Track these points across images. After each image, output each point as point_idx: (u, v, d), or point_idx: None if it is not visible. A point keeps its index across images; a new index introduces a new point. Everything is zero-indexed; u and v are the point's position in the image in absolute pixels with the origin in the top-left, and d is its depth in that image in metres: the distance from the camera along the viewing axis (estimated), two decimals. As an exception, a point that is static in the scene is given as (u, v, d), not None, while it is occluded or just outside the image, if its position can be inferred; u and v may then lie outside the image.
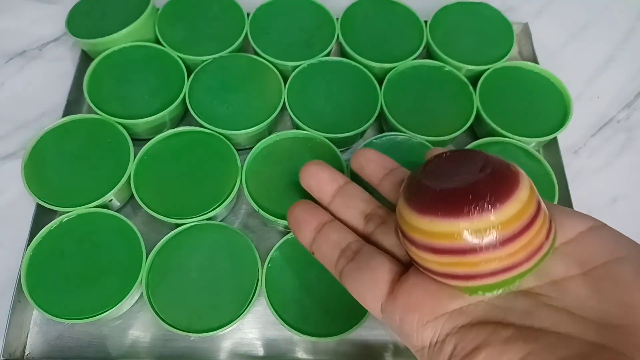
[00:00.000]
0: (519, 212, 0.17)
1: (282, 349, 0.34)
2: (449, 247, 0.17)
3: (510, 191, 0.17)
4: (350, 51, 0.41)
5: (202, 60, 0.40)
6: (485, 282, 0.18)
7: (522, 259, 0.17)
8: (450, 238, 0.17)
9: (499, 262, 0.17)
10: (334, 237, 0.23)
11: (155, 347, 0.34)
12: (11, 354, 0.32)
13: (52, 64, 0.45)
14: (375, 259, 0.21)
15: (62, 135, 0.37)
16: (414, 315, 0.19)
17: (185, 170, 0.36)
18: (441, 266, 0.18)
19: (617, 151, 0.43)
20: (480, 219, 0.17)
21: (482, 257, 0.17)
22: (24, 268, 0.32)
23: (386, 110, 0.38)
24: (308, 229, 0.24)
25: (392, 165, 0.26)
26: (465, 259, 0.17)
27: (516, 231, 0.17)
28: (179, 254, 0.33)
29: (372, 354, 0.34)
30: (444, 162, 0.20)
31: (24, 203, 0.36)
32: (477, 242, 0.17)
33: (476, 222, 0.17)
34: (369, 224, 0.24)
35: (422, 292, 0.19)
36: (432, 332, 0.18)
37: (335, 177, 0.26)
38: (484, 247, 0.17)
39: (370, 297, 0.21)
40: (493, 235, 0.17)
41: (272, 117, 0.38)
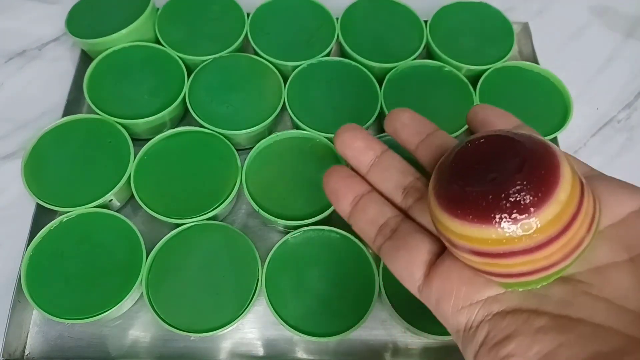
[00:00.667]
0: (557, 215, 0.16)
1: (282, 349, 0.34)
2: (481, 251, 0.17)
3: (547, 194, 0.16)
4: (350, 51, 0.41)
5: (202, 60, 0.40)
6: (521, 280, 0.17)
7: (560, 259, 0.16)
8: (483, 243, 0.16)
9: (534, 264, 0.16)
10: (371, 212, 0.22)
11: (155, 347, 0.34)
12: (11, 354, 0.32)
13: (52, 63, 0.45)
14: (413, 238, 0.20)
15: (62, 135, 0.37)
16: (449, 300, 0.18)
17: (185, 170, 0.36)
18: (472, 263, 0.18)
19: (617, 151, 0.43)
20: (514, 226, 0.16)
21: (515, 261, 0.16)
22: (24, 268, 0.32)
23: (386, 110, 0.38)
24: (345, 202, 0.23)
25: (429, 128, 0.24)
26: (498, 261, 0.17)
27: (553, 235, 0.16)
28: (179, 254, 0.33)
29: (372, 354, 0.34)
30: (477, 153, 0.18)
31: (24, 203, 0.36)
32: (510, 248, 0.16)
33: (509, 229, 0.16)
34: (407, 198, 0.22)
35: (457, 278, 0.19)
36: (466, 318, 0.18)
37: (371, 145, 0.24)
38: (518, 252, 0.16)
39: (408, 279, 0.20)
40: (528, 241, 0.16)
41: (272, 117, 0.38)
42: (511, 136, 0.18)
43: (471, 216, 0.16)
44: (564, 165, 0.16)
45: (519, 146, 0.17)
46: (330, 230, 0.34)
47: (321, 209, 0.34)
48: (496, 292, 0.18)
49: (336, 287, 0.33)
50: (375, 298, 0.32)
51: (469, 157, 0.18)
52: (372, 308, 0.32)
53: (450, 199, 0.17)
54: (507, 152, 0.17)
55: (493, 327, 0.17)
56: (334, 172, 0.24)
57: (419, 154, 0.23)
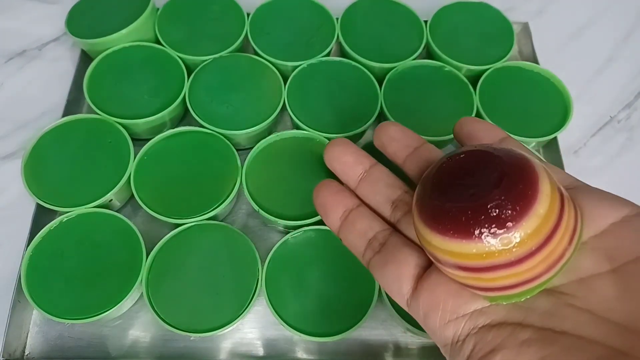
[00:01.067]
0: (536, 229, 0.16)
1: (282, 349, 0.34)
2: (464, 265, 0.17)
3: (526, 208, 0.16)
4: (350, 51, 0.41)
5: (202, 60, 0.40)
6: (504, 293, 0.17)
7: (542, 271, 0.17)
8: (464, 258, 0.17)
9: (516, 277, 0.17)
10: (360, 226, 0.22)
11: (155, 347, 0.34)
12: (11, 354, 0.32)
13: (52, 63, 0.45)
14: (401, 252, 0.21)
15: (62, 135, 0.37)
16: (436, 314, 0.19)
17: (185, 170, 0.36)
18: (458, 278, 0.18)
19: (617, 151, 0.43)
20: (494, 240, 0.16)
21: (497, 275, 0.17)
22: (24, 268, 0.32)
23: (386, 110, 0.38)
24: (334, 216, 0.23)
25: (417, 142, 0.24)
26: (481, 275, 0.17)
27: (533, 248, 0.16)
28: (179, 254, 0.33)
29: (372, 354, 0.34)
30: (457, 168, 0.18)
31: (24, 203, 0.36)
32: (491, 262, 0.16)
33: (489, 243, 0.16)
34: (396, 212, 0.23)
35: (444, 291, 0.19)
36: (453, 331, 0.18)
37: (360, 160, 0.24)
38: (499, 266, 0.16)
39: (396, 292, 0.20)
40: (508, 255, 0.16)
41: (272, 117, 0.38)
42: (490, 151, 0.18)
43: (452, 231, 0.17)
44: (542, 179, 0.17)
45: (497, 161, 0.17)
46: (331, 230, 0.34)
47: (321, 209, 0.34)
48: (482, 305, 0.18)
49: (336, 287, 0.33)
50: (375, 298, 0.32)
51: (450, 173, 0.18)
52: (372, 308, 0.32)
53: (431, 215, 0.18)
54: (486, 167, 0.17)
55: (479, 340, 0.17)
56: (323, 186, 0.24)
57: (407, 168, 0.24)
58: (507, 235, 0.16)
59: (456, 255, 0.17)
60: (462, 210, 0.17)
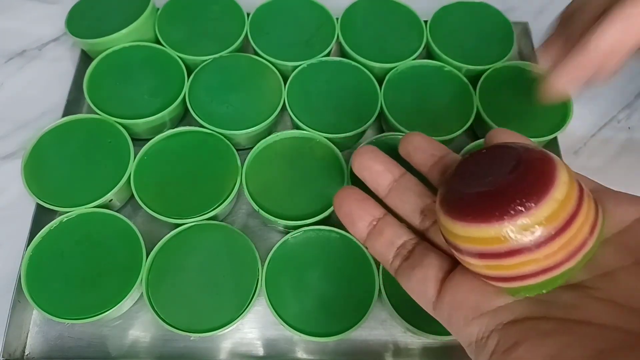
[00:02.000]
0: (554, 212, 0.16)
1: (282, 349, 0.34)
2: (482, 251, 0.17)
3: (543, 192, 0.16)
4: (350, 51, 0.41)
5: (202, 60, 0.40)
6: (526, 283, 0.17)
7: (563, 259, 0.17)
8: (483, 243, 0.17)
9: (536, 263, 0.17)
10: (389, 235, 0.23)
11: (155, 347, 0.34)
12: (11, 354, 0.32)
13: (52, 63, 0.45)
14: (428, 256, 0.21)
15: (62, 135, 0.37)
16: (460, 313, 0.19)
17: (185, 170, 0.36)
18: (478, 268, 0.18)
19: (617, 151, 0.43)
20: (510, 224, 0.16)
21: (517, 260, 0.17)
22: (24, 268, 0.32)
23: (386, 110, 0.38)
24: (362, 224, 0.23)
25: (441, 151, 0.24)
26: (501, 262, 0.17)
27: (552, 232, 0.16)
28: (179, 254, 0.33)
29: (372, 354, 0.34)
30: (477, 161, 0.19)
31: (24, 203, 0.36)
32: (510, 246, 0.16)
33: (506, 226, 0.16)
34: (425, 220, 0.23)
35: (467, 290, 0.19)
36: (477, 329, 0.18)
37: (390, 169, 0.24)
38: (518, 250, 0.16)
39: (422, 296, 0.21)
40: (526, 238, 0.16)
41: (272, 117, 0.38)
42: (510, 145, 0.18)
43: (470, 216, 0.17)
44: (560, 168, 0.17)
45: (515, 152, 0.18)
46: (330, 230, 0.34)
47: (321, 209, 0.34)
48: (505, 301, 0.18)
49: (336, 287, 0.33)
50: (375, 298, 0.32)
51: (470, 166, 0.19)
52: (372, 308, 0.32)
53: (450, 203, 0.18)
54: (504, 158, 0.18)
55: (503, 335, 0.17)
56: (346, 194, 0.24)
57: (431, 176, 0.24)
58: (524, 217, 0.16)
59: (475, 241, 0.17)
60: (479, 195, 0.17)
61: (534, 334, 0.17)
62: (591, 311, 0.17)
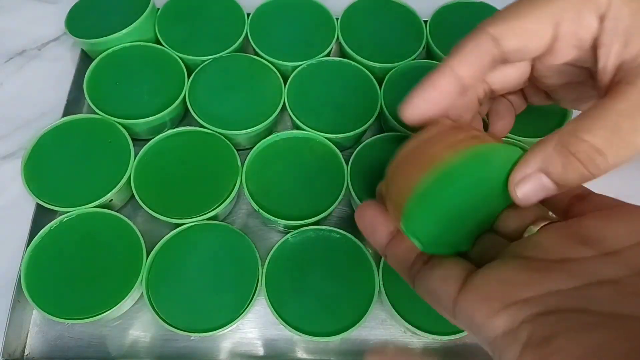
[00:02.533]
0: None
1: (282, 349, 0.34)
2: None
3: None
4: (350, 51, 0.41)
5: (202, 60, 0.40)
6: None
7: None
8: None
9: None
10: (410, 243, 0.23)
11: (155, 347, 0.34)
12: (11, 354, 0.32)
13: (52, 63, 0.45)
14: (449, 259, 0.21)
15: (62, 135, 0.37)
16: (485, 305, 0.18)
17: (185, 170, 0.36)
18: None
19: (617, 151, 0.43)
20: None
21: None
22: (24, 268, 0.32)
23: (386, 110, 0.38)
24: (383, 234, 0.24)
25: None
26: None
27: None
28: (179, 254, 0.33)
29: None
30: None
31: (23, 203, 0.36)
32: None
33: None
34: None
35: (494, 282, 0.19)
36: (504, 321, 0.18)
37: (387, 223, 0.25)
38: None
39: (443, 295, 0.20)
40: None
41: (272, 117, 0.38)
42: None
43: None
44: None
45: None
46: (330, 230, 0.34)
47: (321, 209, 0.34)
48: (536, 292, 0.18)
49: (336, 287, 0.33)
50: (375, 298, 0.32)
51: None
52: (372, 308, 0.32)
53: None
54: None
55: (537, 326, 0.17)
56: (368, 207, 0.24)
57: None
58: None
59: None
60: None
61: (576, 325, 0.16)
62: (633, 306, 0.16)
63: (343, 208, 0.39)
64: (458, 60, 0.22)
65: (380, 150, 0.37)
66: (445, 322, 0.31)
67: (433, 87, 0.23)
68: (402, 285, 0.33)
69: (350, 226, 0.38)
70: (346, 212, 0.39)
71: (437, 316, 0.31)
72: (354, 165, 0.36)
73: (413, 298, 0.32)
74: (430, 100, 0.23)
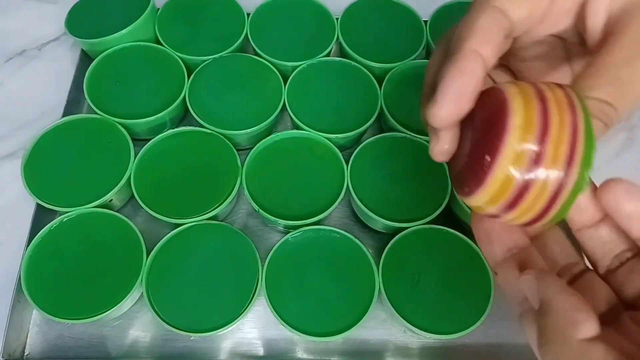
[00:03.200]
0: (498, 192, 0.17)
1: (282, 349, 0.34)
2: (488, 214, 0.18)
3: (480, 181, 0.17)
4: (350, 51, 0.41)
5: (202, 60, 0.40)
6: (538, 224, 0.18)
7: (544, 207, 0.17)
8: (479, 210, 0.18)
9: (518, 220, 0.18)
10: (530, 266, 0.20)
11: (155, 347, 0.34)
12: (11, 354, 0.32)
13: (52, 63, 0.45)
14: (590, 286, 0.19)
15: (62, 135, 0.37)
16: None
17: (185, 170, 0.36)
18: (516, 220, 0.18)
19: (617, 151, 0.43)
20: (469, 201, 0.18)
21: (502, 220, 0.18)
22: (24, 268, 0.32)
23: (386, 110, 0.38)
24: (499, 247, 0.21)
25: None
26: (502, 218, 0.18)
27: (505, 205, 0.17)
28: (179, 254, 0.33)
29: (372, 354, 0.34)
30: (467, 124, 0.20)
31: (23, 203, 0.36)
32: (487, 213, 0.18)
33: (469, 203, 0.18)
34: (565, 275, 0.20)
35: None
36: None
37: (516, 240, 0.22)
38: (493, 215, 0.18)
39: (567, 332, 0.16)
40: (487, 210, 0.18)
41: (272, 117, 0.38)
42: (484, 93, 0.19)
43: (466, 189, 0.18)
44: (511, 110, 0.17)
45: (480, 104, 0.19)
46: (330, 230, 0.34)
47: (321, 209, 0.34)
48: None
49: (336, 287, 0.33)
50: (375, 298, 0.32)
51: (463, 130, 0.20)
52: (372, 308, 0.32)
53: (453, 182, 0.20)
54: (477, 114, 0.19)
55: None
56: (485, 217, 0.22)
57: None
58: (472, 200, 0.18)
59: (476, 209, 0.18)
60: (464, 167, 0.18)
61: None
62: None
63: (343, 208, 0.39)
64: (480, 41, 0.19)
65: (380, 150, 0.37)
66: (445, 322, 0.32)
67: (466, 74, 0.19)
68: (402, 285, 0.33)
69: (350, 226, 0.38)
70: (346, 212, 0.39)
71: (437, 316, 0.32)
72: (354, 165, 0.36)
73: (413, 298, 0.32)
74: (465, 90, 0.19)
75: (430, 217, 0.34)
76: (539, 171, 0.16)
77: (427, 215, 0.34)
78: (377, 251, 0.35)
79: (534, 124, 0.16)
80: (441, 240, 0.34)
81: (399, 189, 0.35)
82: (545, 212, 0.17)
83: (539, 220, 0.17)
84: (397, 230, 0.34)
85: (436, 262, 0.33)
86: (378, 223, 0.35)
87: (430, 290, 0.33)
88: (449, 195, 0.35)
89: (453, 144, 0.20)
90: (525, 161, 0.16)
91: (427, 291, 0.32)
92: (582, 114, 0.17)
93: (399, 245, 0.34)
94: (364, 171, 0.36)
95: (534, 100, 0.17)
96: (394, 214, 0.34)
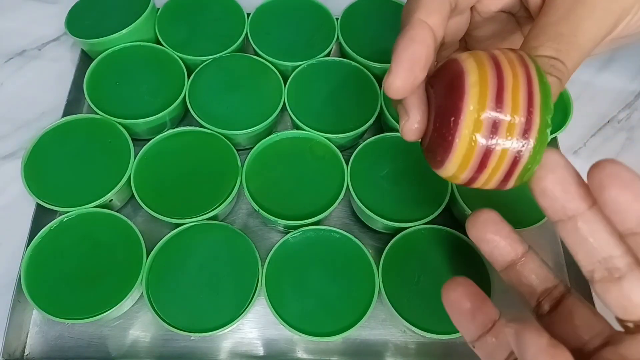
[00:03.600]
0: (467, 153, 0.17)
1: (282, 349, 0.34)
2: (466, 178, 0.19)
3: (449, 145, 0.18)
4: (350, 51, 0.41)
5: (202, 60, 0.40)
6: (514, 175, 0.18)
7: (507, 170, 0.17)
8: (452, 180, 0.19)
9: (493, 176, 0.18)
10: (502, 338, 0.21)
11: (155, 347, 0.34)
12: (11, 354, 0.32)
13: (52, 63, 0.45)
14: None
15: (62, 135, 0.37)
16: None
17: (185, 170, 0.36)
18: (489, 184, 0.19)
19: (617, 151, 0.43)
20: (443, 172, 0.19)
21: (478, 184, 0.19)
22: (24, 268, 0.32)
23: (386, 110, 0.38)
24: (475, 326, 0.22)
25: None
26: (477, 183, 0.19)
27: (476, 163, 0.17)
28: (179, 254, 0.33)
29: (372, 354, 0.34)
30: (432, 90, 0.20)
31: (23, 203, 0.36)
32: (463, 180, 0.19)
33: (444, 174, 0.19)
34: (541, 307, 0.22)
35: None
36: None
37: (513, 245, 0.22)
38: (469, 181, 0.18)
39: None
40: (462, 176, 0.18)
41: (272, 117, 0.38)
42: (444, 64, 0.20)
43: (438, 162, 0.19)
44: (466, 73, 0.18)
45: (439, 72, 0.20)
46: (330, 230, 0.34)
47: (321, 209, 0.34)
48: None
49: (336, 287, 0.33)
50: (375, 298, 0.32)
51: (431, 99, 0.21)
52: (372, 308, 0.32)
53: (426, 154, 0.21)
54: (438, 83, 0.20)
55: None
56: (458, 286, 0.22)
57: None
58: (442, 171, 0.19)
59: (451, 178, 0.19)
60: (429, 144, 0.19)
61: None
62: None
63: (343, 208, 0.39)
64: (426, 11, 0.20)
65: (380, 150, 0.37)
66: (445, 321, 0.32)
67: (416, 42, 0.19)
68: (402, 285, 0.33)
69: (350, 226, 0.38)
70: (346, 212, 0.39)
71: (437, 316, 0.32)
72: (354, 165, 0.36)
73: (413, 298, 0.32)
74: (417, 58, 0.19)
75: (430, 217, 0.34)
76: (503, 120, 0.17)
77: (427, 215, 0.34)
78: (377, 251, 0.35)
79: (489, 80, 0.17)
80: (441, 240, 0.34)
81: (399, 189, 0.35)
82: (518, 159, 0.17)
83: (514, 169, 0.17)
84: (397, 230, 0.34)
85: (436, 262, 0.33)
86: (378, 223, 0.35)
87: (430, 290, 0.33)
88: (449, 195, 0.35)
89: (422, 122, 0.21)
90: (487, 114, 0.17)
91: (427, 291, 0.32)
92: (534, 66, 0.17)
93: (399, 245, 0.34)
94: (364, 171, 0.36)
95: (487, 61, 0.18)
96: (394, 214, 0.34)
